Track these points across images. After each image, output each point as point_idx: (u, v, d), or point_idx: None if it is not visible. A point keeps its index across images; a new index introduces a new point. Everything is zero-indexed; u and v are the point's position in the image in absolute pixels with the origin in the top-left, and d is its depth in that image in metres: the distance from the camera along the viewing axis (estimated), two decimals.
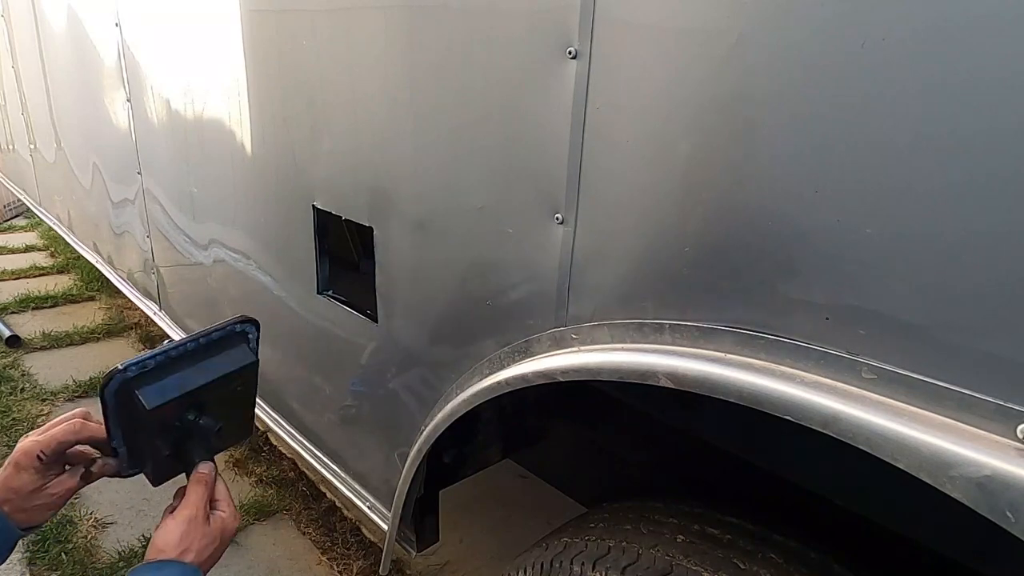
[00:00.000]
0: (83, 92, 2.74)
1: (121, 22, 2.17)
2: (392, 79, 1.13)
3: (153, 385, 0.80)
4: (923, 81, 0.56)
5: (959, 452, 0.55)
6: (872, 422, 0.60)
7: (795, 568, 0.85)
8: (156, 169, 2.24)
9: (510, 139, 0.95)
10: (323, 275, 1.48)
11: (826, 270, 0.65)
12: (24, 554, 2.05)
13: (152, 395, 0.79)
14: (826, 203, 0.63)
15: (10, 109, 4.16)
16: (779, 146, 0.66)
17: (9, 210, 5.42)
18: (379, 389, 1.38)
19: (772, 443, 1.02)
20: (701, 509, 0.97)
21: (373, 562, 2.05)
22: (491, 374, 1.04)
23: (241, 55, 1.54)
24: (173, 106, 1.97)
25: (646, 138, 0.78)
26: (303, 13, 1.30)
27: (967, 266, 0.56)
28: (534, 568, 1.02)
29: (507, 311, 1.03)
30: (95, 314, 3.78)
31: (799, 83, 0.64)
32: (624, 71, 0.78)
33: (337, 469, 1.61)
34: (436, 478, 1.35)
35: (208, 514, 0.84)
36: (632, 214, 0.81)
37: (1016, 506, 0.52)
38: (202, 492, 0.84)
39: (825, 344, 0.66)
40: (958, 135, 0.55)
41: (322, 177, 1.38)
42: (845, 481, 0.95)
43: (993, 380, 0.55)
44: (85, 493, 2.35)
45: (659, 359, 0.78)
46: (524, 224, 0.96)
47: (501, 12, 0.91)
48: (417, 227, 1.16)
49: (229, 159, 1.72)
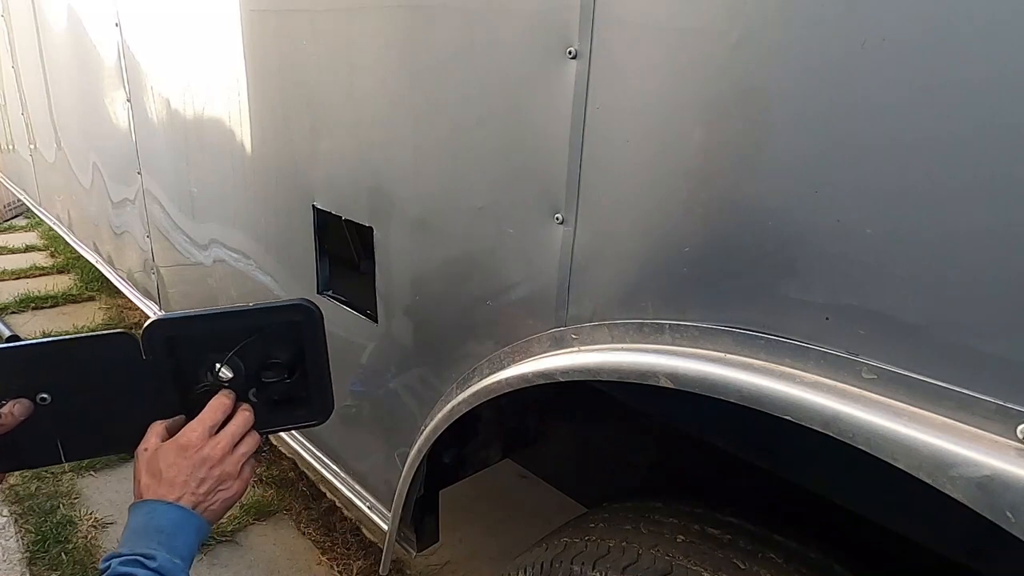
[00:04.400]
0: (83, 92, 2.74)
1: (121, 22, 2.17)
2: (392, 79, 1.13)
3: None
4: (923, 81, 0.56)
5: (959, 452, 0.55)
6: (872, 422, 0.60)
7: (795, 568, 0.85)
8: (156, 169, 2.24)
9: (510, 139, 0.95)
10: (323, 275, 1.48)
11: (826, 270, 0.65)
12: (24, 554, 2.05)
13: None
14: (826, 203, 0.63)
15: (10, 109, 4.17)
16: (779, 146, 0.66)
17: (9, 210, 5.42)
18: (379, 389, 1.38)
19: (772, 443, 1.02)
20: (701, 509, 0.97)
21: (373, 562, 2.05)
22: (491, 374, 1.04)
23: (241, 55, 1.54)
24: (173, 106, 1.97)
25: (646, 138, 0.78)
26: (303, 13, 1.30)
27: (967, 266, 0.56)
28: (534, 568, 1.02)
29: (507, 311, 1.03)
30: (95, 314, 3.78)
31: (799, 83, 0.64)
32: (624, 71, 0.78)
33: (337, 469, 1.61)
34: (436, 478, 1.35)
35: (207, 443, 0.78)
36: (632, 214, 0.82)
37: (1016, 506, 0.52)
38: (207, 414, 0.80)
39: (825, 344, 0.66)
40: (958, 135, 0.55)
41: (322, 177, 1.38)
42: (845, 481, 0.95)
43: (993, 380, 0.55)
44: (85, 493, 2.35)
45: (659, 359, 0.78)
46: (524, 224, 0.96)
47: (501, 12, 0.91)
48: (417, 227, 1.16)
49: (229, 159, 1.72)
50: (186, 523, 0.75)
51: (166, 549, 0.72)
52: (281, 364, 0.85)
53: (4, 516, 2.22)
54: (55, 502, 2.27)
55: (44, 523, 2.17)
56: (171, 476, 0.76)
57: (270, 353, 0.84)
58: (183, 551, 0.74)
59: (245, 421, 0.82)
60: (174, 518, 0.74)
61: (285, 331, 0.84)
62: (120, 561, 0.69)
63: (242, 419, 0.82)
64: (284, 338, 0.84)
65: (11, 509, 2.25)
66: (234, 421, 0.81)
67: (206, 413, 0.80)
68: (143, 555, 0.70)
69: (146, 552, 0.70)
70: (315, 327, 0.84)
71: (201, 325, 0.82)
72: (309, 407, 0.88)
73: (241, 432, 0.82)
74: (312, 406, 0.88)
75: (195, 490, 0.76)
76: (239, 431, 0.81)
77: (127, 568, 0.68)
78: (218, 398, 0.82)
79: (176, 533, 0.74)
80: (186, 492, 0.76)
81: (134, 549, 0.70)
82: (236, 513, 2.23)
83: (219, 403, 0.81)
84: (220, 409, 0.81)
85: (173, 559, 0.71)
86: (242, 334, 0.82)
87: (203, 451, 0.78)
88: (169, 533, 0.73)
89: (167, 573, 0.70)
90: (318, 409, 0.88)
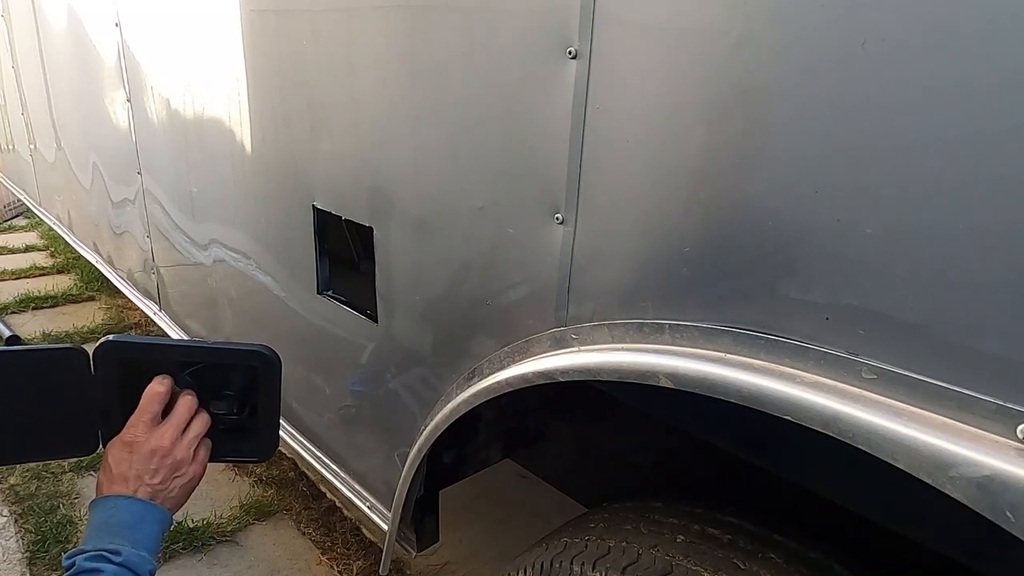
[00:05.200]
0: (83, 92, 2.74)
1: (121, 22, 2.17)
2: (392, 79, 1.13)
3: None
4: (923, 81, 0.56)
5: (959, 452, 0.55)
6: (872, 422, 0.60)
7: (795, 568, 0.85)
8: (156, 169, 2.24)
9: (510, 139, 0.95)
10: (323, 275, 1.48)
11: (826, 270, 0.65)
12: (24, 554, 2.05)
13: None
14: (826, 203, 0.63)
15: (10, 109, 4.16)
16: (779, 146, 0.66)
17: (9, 210, 5.42)
18: (379, 389, 1.38)
19: (772, 443, 1.02)
20: (701, 509, 0.97)
21: (373, 562, 2.05)
22: (491, 374, 1.04)
23: (241, 55, 1.54)
24: (173, 106, 1.97)
25: (646, 138, 0.78)
26: (303, 13, 1.30)
27: (967, 266, 0.56)
28: (534, 568, 1.02)
29: (507, 311, 1.03)
30: (95, 314, 3.78)
31: (799, 83, 0.63)
32: (624, 71, 0.78)
33: (337, 469, 1.61)
34: (436, 478, 1.35)
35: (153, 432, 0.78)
36: (632, 214, 0.82)
37: (1016, 506, 0.52)
38: (144, 406, 0.79)
39: (825, 344, 0.66)
40: (958, 135, 0.55)
41: (322, 177, 1.38)
42: (845, 481, 0.95)
43: (993, 380, 0.55)
44: (85, 493, 2.35)
45: (659, 359, 0.78)
46: (524, 224, 0.96)
47: (501, 12, 0.91)
48: (417, 227, 1.16)
49: (229, 159, 1.72)
50: (147, 515, 0.75)
51: (131, 543, 0.71)
52: (232, 397, 0.86)
53: (4, 516, 2.22)
54: (55, 502, 2.27)
55: (44, 523, 2.17)
56: (123, 471, 0.76)
57: (224, 385, 0.86)
58: (148, 543, 0.73)
59: (188, 406, 0.81)
60: (135, 511, 0.74)
61: (242, 373, 0.86)
62: (85, 557, 0.69)
63: (184, 404, 0.81)
64: (241, 376, 0.86)
65: (11, 509, 2.25)
66: (177, 408, 0.81)
67: (143, 405, 0.80)
68: (108, 551, 0.70)
69: (110, 547, 0.70)
70: (273, 375, 0.85)
71: (156, 352, 0.84)
72: (254, 443, 0.89)
73: (186, 417, 0.81)
74: (257, 443, 0.89)
75: (149, 481, 0.76)
76: (183, 416, 0.80)
77: (92, 564, 0.68)
78: (151, 389, 0.80)
79: (138, 526, 0.74)
80: (141, 484, 0.76)
81: (98, 545, 0.70)
82: (236, 513, 2.23)
83: (153, 394, 0.80)
84: (156, 400, 0.80)
85: (139, 552, 0.71)
86: (198, 366, 0.84)
87: (150, 442, 0.77)
88: (131, 526, 0.73)
89: (133, 567, 0.70)
90: (262, 447, 0.90)
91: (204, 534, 2.12)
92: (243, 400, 0.87)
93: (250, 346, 0.85)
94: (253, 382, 0.86)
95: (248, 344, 0.85)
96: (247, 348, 0.85)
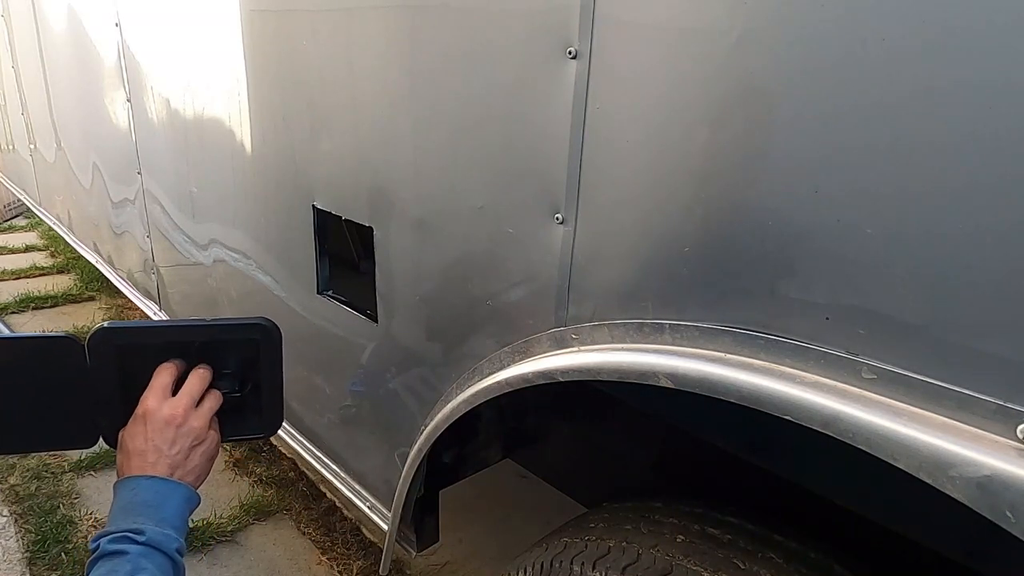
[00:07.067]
0: (83, 92, 2.74)
1: (121, 22, 2.17)
2: (392, 79, 1.13)
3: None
4: (923, 81, 0.56)
5: (959, 452, 0.55)
6: (872, 422, 0.60)
7: (795, 568, 0.85)
8: (156, 169, 2.24)
9: (510, 139, 0.95)
10: (323, 275, 1.48)
11: (826, 270, 0.65)
12: (24, 554, 2.05)
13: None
14: (826, 203, 0.63)
15: (10, 109, 4.16)
16: (780, 146, 0.66)
17: (9, 210, 5.42)
18: (379, 389, 1.38)
19: (772, 443, 1.02)
20: (701, 509, 0.97)
21: (373, 562, 2.05)
22: (491, 374, 1.04)
23: (241, 55, 1.54)
24: (173, 106, 1.97)
25: (646, 138, 0.78)
26: (303, 13, 1.30)
27: (967, 266, 0.56)
28: (534, 568, 1.02)
29: (507, 311, 1.03)
30: (95, 314, 3.78)
31: (799, 83, 0.64)
32: (624, 71, 0.78)
33: (337, 469, 1.61)
34: (436, 478, 1.35)
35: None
36: (632, 214, 0.82)
37: (1016, 506, 0.52)
38: (157, 380, 0.78)
39: (825, 344, 0.66)
40: (958, 135, 0.55)
41: (322, 177, 1.38)
42: (845, 481, 0.95)
43: (993, 380, 0.55)
44: (85, 493, 2.35)
45: (659, 359, 0.78)
46: (524, 224, 0.96)
47: (501, 12, 0.91)
48: (417, 227, 1.16)
49: (229, 159, 1.72)
50: (171, 492, 0.74)
51: (154, 522, 0.71)
52: (233, 375, 0.85)
53: (4, 516, 2.22)
54: (55, 502, 2.28)
55: (44, 523, 2.17)
56: (138, 446, 0.75)
57: (224, 364, 0.85)
58: (174, 521, 0.73)
59: (201, 379, 0.80)
60: (158, 489, 0.73)
61: (242, 347, 0.84)
62: (109, 539, 0.68)
63: (197, 377, 0.80)
64: (241, 353, 0.85)
65: (11, 509, 2.25)
66: (189, 379, 0.80)
67: (156, 380, 0.79)
68: (132, 531, 0.69)
69: (133, 527, 0.69)
70: (273, 346, 0.84)
71: (152, 336, 0.82)
72: (258, 420, 0.88)
73: (200, 387, 0.80)
74: (262, 419, 0.88)
75: (168, 452, 0.75)
76: (197, 386, 0.80)
77: (116, 545, 0.68)
78: (163, 366, 0.80)
79: (162, 504, 0.73)
80: (160, 457, 0.75)
81: (121, 526, 0.70)
82: (236, 513, 2.23)
83: (165, 369, 0.79)
84: (167, 373, 0.79)
85: (164, 530, 0.71)
86: (198, 346, 0.83)
87: (163, 411, 0.76)
88: (155, 505, 0.72)
89: (158, 545, 0.69)
90: (267, 423, 0.89)
91: (204, 534, 2.12)
92: (244, 377, 0.86)
93: (249, 319, 0.84)
94: (254, 357, 0.84)
95: (247, 318, 0.84)
96: (247, 322, 0.84)
